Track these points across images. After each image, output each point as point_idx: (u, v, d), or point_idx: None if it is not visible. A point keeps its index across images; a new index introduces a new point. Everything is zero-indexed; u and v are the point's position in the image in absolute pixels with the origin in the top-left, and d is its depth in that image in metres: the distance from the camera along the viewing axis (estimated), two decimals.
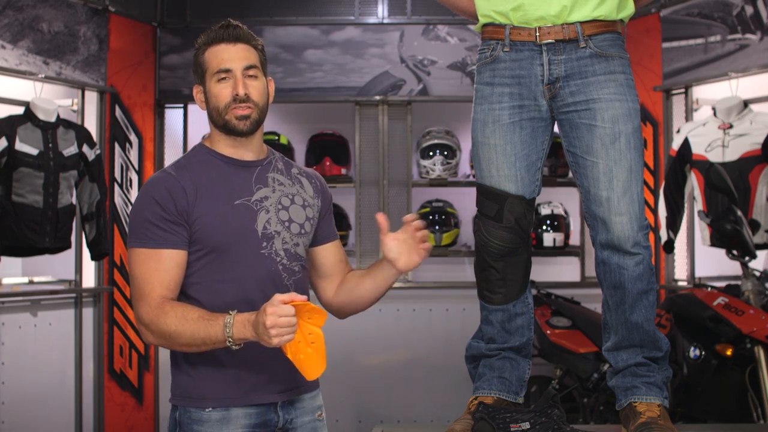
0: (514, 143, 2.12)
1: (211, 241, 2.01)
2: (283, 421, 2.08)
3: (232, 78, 2.06)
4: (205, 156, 2.09)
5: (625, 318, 2.12)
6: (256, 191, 2.07)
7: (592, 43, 2.07)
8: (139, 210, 2.02)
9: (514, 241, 2.15)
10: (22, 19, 4.29)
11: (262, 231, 2.05)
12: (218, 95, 2.06)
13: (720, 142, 4.08)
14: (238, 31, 2.11)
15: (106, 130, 4.82)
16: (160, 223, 1.98)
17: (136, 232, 2.00)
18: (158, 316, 1.94)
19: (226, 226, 2.01)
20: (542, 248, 5.10)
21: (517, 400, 2.24)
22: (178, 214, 1.99)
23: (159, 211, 1.98)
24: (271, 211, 2.07)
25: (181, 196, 1.99)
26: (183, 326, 1.91)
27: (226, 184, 2.05)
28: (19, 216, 3.98)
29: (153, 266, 1.97)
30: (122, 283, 4.93)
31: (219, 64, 2.06)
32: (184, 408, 2.04)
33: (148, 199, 2.00)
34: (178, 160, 2.12)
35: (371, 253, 5.17)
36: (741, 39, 4.26)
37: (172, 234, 1.98)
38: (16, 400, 4.27)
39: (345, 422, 5.15)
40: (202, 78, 2.09)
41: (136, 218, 2.02)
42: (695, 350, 3.57)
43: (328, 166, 5.13)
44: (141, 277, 1.98)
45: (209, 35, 2.10)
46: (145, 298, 1.96)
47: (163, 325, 1.93)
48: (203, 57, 2.09)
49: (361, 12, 5.26)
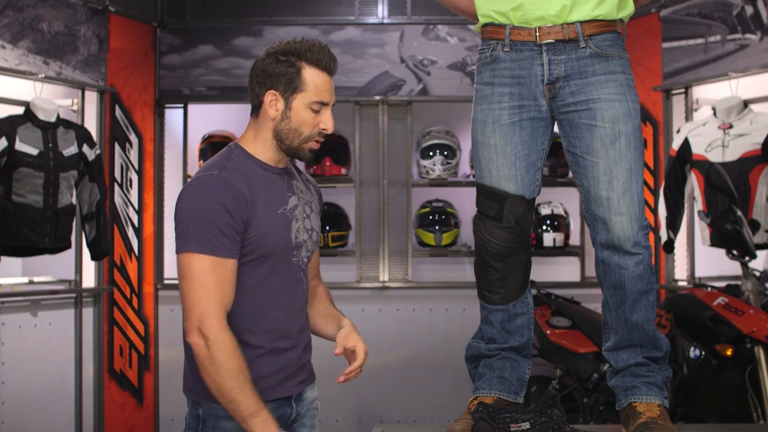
0: (514, 143, 2.12)
1: (260, 248, 2.03)
2: (295, 413, 2.14)
3: (323, 111, 2.06)
4: (246, 161, 2.07)
5: (625, 318, 2.12)
6: (288, 199, 2.11)
7: (592, 43, 2.07)
8: (203, 214, 1.97)
9: (514, 241, 2.15)
10: (22, 19, 4.29)
11: (295, 240, 2.10)
12: (307, 122, 2.05)
13: (720, 142, 4.08)
14: (336, 64, 2.09)
15: (106, 130, 4.82)
16: (227, 231, 1.96)
17: (200, 237, 1.96)
18: (225, 343, 1.94)
19: (273, 235, 2.04)
20: (542, 248, 5.10)
21: (517, 400, 2.24)
22: (242, 222, 1.99)
23: (228, 219, 1.96)
24: (300, 221, 2.12)
25: (245, 205, 2.00)
26: (231, 373, 1.93)
27: (269, 192, 2.07)
28: (19, 216, 3.98)
29: (219, 274, 1.96)
30: (122, 283, 4.94)
31: (320, 94, 2.04)
32: (209, 404, 2.05)
33: (215, 204, 1.96)
34: (220, 162, 2.06)
35: (371, 253, 5.18)
36: (741, 39, 4.26)
37: (234, 243, 1.98)
38: (16, 400, 4.27)
39: (345, 422, 5.15)
40: (290, 91, 2.04)
41: (200, 222, 1.96)
42: (695, 350, 3.57)
43: (328, 166, 5.13)
44: (207, 284, 1.95)
45: (314, 55, 2.04)
46: (215, 311, 1.94)
47: (222, 353, 1.93)
48: (302, 74, 2.03)
49: (361, 12, 5.26)
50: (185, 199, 2.01)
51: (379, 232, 5.19)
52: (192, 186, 2.02)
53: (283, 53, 2.05)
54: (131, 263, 4.99)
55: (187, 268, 1.97)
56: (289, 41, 2.08)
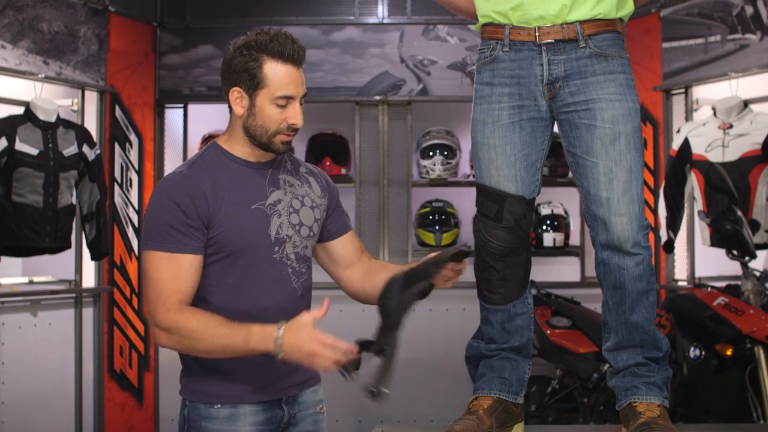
0: (514, 143, 2.12)
1: (228, 246, 2.00)
2: (287, 416, 2.11)
3: (290, 105, 2.00)
4: (220, 157, 2.06)
5: (625, 318, 2.11)
6: (269, 194, 2.07)
7: (592, 42, 2.07)
8: (158, 212, 1.98)
9: (513, 242, 2.15)
10: (22, 19, 4.29)
11: (275, 236, 2.05)
12: (272, 118, 2.00)
13: (720, 142, 4.08)
14: (303, 53, 2.01)
15: (106, 130, 4.82)
16: (181, 227, 1.95)
17: (155, 235, 1.97)
18: (178, 321, 1.93)
19: (243, 231, 2.01)
20: (542, 248, 5.10)
21: (517, 400, 2.24)
22: (199, 219, 1.97)
23: (180, 215, 1.95)
24: (283, 215, 2.07)
25: (202, 201, 1.97)
26: (204, 332, 1.91)
27: (242, 187, 2.04)
28: (19, 216, 3.98)
29: (173, 270, 1.95)
30: (122, 283, 4.93)
31: (282, 89, 1.98)
32: (193, 404, 2.05)
33: (168, 201, 1.97)
34: (191, 160, 2.08)
35: (371, 253, 5.13)
36: (741, 39, 4.26)
37: (192, 239, 1.97)
38: (16, 400, 4.27)
39: (345, 422, 5.15)
40: (252, 87, 1.99)
41: (155, 221, 1.98)
42: (695, 350, 3.57)
43: (328, 166, 5.13)
44: (160, 281, 1.95)
45: (273, 46, 1.97)
46: (164, 303, 1.94)
47: (183, 329, 1.92)
48: (262, 70, 1.97)
49: (361, 12, 5.26)
50: (150, 198, 2.04)
51: (379, 232, 5.19)
52: (156, 186, 2.04)
53: (246, 46, 1.99)
54: (131, 263, 4.99)
55: (144, 267, 1.99)
56: (252, 33, 2.02)
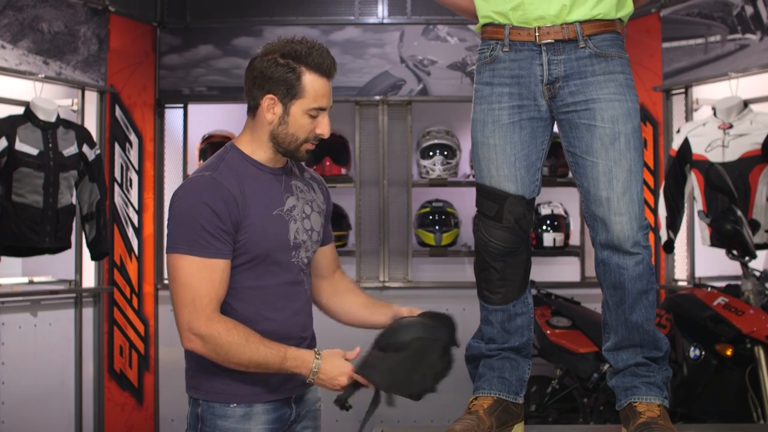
0: (514, 143, 2.12)
1: (253, 251, 2.02)
2: (294, 414, 2.16)
3: (320, 116, 2.05)
4: (242, 161, 2.07)
5: (625, 318, 2.11)
6: (286, 200, 2.10)
7: (592, 43, 2.07)
8: (191, 215, 1.96)
9: (513, 241, 2.15)
10: (22, 19, 4.29)
11: (294, 241, 2.09)
12: (304, 127, 2.04)
13: (720, 142, 4.08)
14: (336, 68, 2.06)
15: (106, 130, 4.82)
16: (215, 232, 1.96)
17: (188, 239, 1.96)
18: (220, 331, 1.94)
19: (267, 236, 2.03)
20: (542, 248, 5.10)
21: (517, 400, 2.24)
22: (231, 224, 1.98)
23: (215, 220, 1.95)
24: (298, 221, 2.11)
25: (234, 206, 1.99)
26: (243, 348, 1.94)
27: (264, 193, 2.06)
28: (19, 216, 3.98)
29: (208, 276, 1.96)
30: (122, 283, 4.94)
31: (318, 100, 2.02)
32: (207, 403, 2.06)
33: (202, 205, 1.96)
34: (215, 162, 2.06)
35: (371, 253, 5.17)
36: (741, 39, 4.26)
37: (225, 244, 1.98)
38: (16, 400, 4.27)
39: (345, 422, 5.15)
40: (288, 96, 2.02)
41: (188, 224, 1.96)
42: (695, 350, 3.57)
43: (328, 166, 5.13)
44: (195, 287, 1.95)
45: (315, 59, 2.01)
46: (203, 310, 1.95)
47: (223, 340, 1.94)
48: (301, 81, 2.01)
49: (361, 12, 5.26)
50: (176, 200, 2.01)
51: (379, 232, 5.19)
52: (183, 187, 2.02)
53: (283, 55, 2.01)
54: (131, 263, 4.99)
55: (176, 271, 1.98)
56: (287, 41, 2.03)
